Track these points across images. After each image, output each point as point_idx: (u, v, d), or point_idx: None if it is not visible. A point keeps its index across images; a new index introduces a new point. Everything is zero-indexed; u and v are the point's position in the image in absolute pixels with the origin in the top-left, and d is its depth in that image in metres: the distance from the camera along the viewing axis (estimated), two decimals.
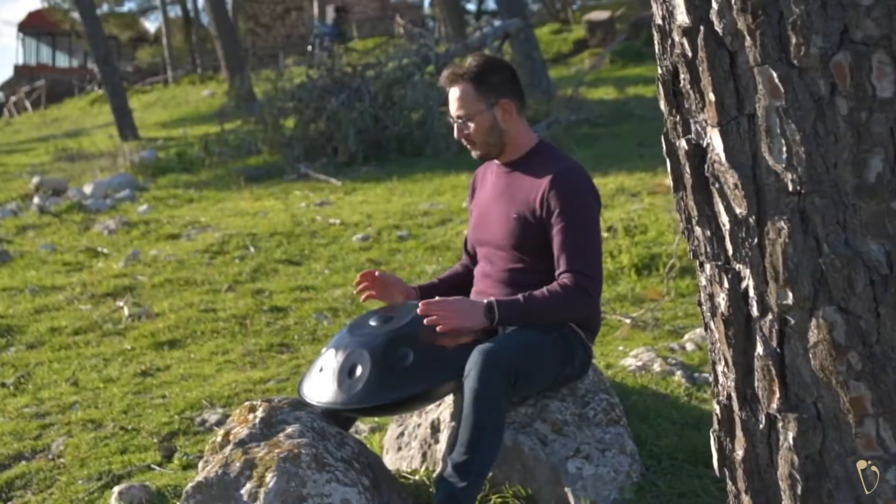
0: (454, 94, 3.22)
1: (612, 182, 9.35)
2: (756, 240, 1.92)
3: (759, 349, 1.99)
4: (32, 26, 49.97)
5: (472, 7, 43.16)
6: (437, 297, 3.08)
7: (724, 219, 1.97)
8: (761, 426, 2.03)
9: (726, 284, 2.00)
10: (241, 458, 2.85)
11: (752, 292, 1.97)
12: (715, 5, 1.88)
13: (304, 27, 38.83)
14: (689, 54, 1.94)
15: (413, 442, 3.50)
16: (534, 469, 3.12)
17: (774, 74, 1.81)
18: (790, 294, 1.90)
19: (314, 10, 29.85)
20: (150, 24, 52.90)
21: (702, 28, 1.90)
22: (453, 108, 3.23)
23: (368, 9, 40.75)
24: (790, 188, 1.86)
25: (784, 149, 1.84)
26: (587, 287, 3.06)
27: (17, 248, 9.06)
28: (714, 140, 1.94)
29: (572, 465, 3.11)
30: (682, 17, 1.93)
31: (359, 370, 3.01)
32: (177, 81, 34.02)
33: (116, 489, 3.54)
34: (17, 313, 6.68)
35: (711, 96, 1.90)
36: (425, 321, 2.98)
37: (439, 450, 3.35)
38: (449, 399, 3.35)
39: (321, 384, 3.09)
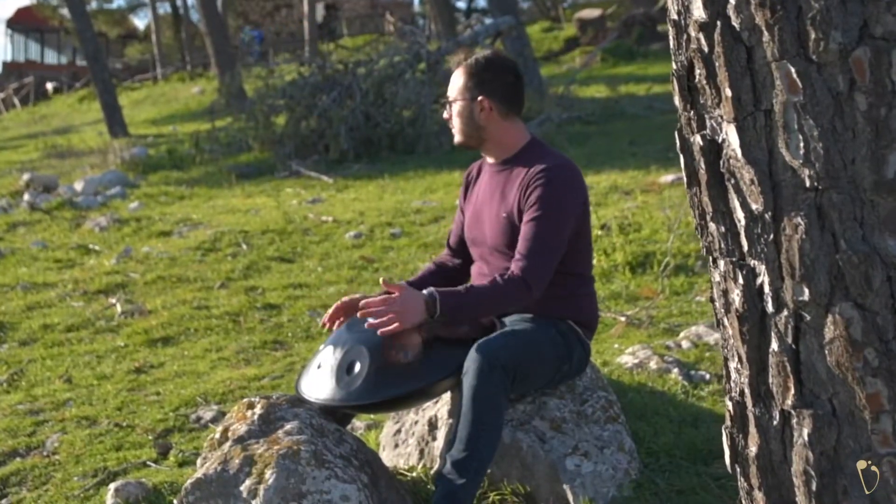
0: (453, 76, 3.30)
1: (604, 180, 9.35)
2: (772, 236, 1.91)
3: (774, 345, 1.98)
4: (21, 23, 49.80)
5: (462, 5, 43.13)
6: (378, 297, 3.03)
7: (740, 215, 1.96)
8: (775, 422, 2.03)
9: (741, 281, 1.99)
10: (240, 454, 2.84)
11: (767, 288, 1.96)
12: (732, 0, 1.87)
13: (293, 24, 38.79)
14: (706, 49, 1.93)
15: (410, 439, 3.49)
16: (532, 466, 3.11)
17: (792, 70, 1.81)
18: (806, 290, 1.89)
19: (304, 8, 29.78)
20: (140, 21, 52.89)
21: (718, 23, 1.90)
22: (448, 89, 3.32)
23: (358, 6, 40.76)
24: (807, 184, 1.85)
25: (801, 144, 1.83)
26: (530, 281, 3.03)
27: (8, 245, 9.02)
28: (730, 136, 1.93)
29: (571, 462, 3.10)
30: (698, 12, 1.93)
31: (357, 367, 3.00)
32: (166, 78, 33.93)
33: (112, 486, 3.52)
34: (9, 310, 6.65)
35: (728, 92, 1.90)
36: (366, 325, 2.95)
37: (437, 447, 3.35)
38: (446, 396, 3.34)
39: (319, 381, 3.08)
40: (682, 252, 6.29)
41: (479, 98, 3.20)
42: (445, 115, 3.34)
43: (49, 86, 37.40)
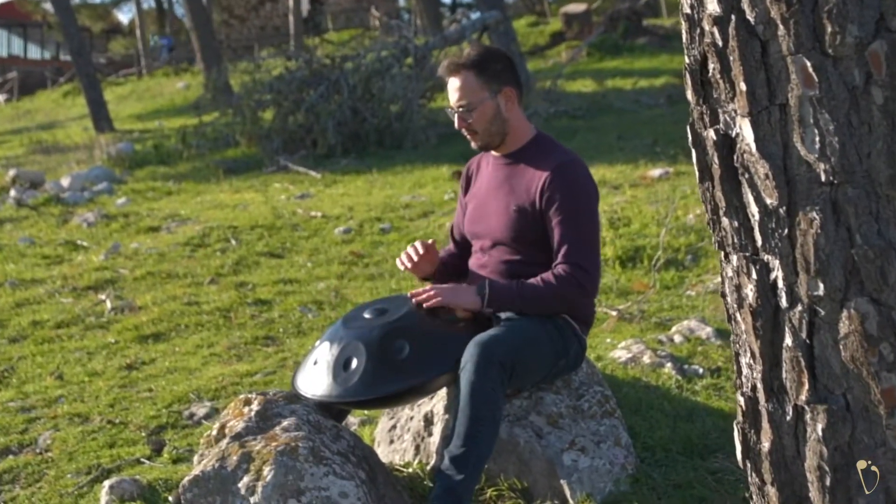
0: (455, 83, 3.16)
1: (593, 174, 9.33)
2: (786, 230, 1.91)
3: (788, 340, 1.98)
4: (3, 17, 49.44)
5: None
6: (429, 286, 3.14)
7: (754, 209, 1.96)
8: (788, 418, 2.02)
9: (754, 275, 1.99)
10: (237, 451, 2.83)
11: (780, 283, 1.96)
12: None
13: (278, 18, 38.65)
14: (720, 43, 1.92)
15: (406, 435, 3.49)
16: (529, 462, 3.12)
17: (808, 64, 1.80)
18: (821, 285, 1.89)
19: (289, 2, 29.68)
20: (124, 16, 52.62)
21: (733, 17, 1.89)
22: (454, 97, 3.17)
23: (343, 0, 40.59)
24: (822, 178, 1.85)
25: (817, 139, 1.83)
26: (581, 280, 3.06)
27: None
28: (744, 130, 1.93)
29: (568, 457, 3.10)
30: (712, 6, 1.92)
31: (354, 363, 3.00)
32: (151, 73, 33.77)
33: (107, 483, 3.50)
34: None
35: (742, 86, 1.89)
36: (415, 300, 3.03)
37: (433, 442, 3.34)
38: (442, 392, 3.34)
39: (316, 377, 3.07)
40: (672, 246, 6.31)
41: (505, 89, 3.16)
42: (457, 124, 3.21)
43: None
